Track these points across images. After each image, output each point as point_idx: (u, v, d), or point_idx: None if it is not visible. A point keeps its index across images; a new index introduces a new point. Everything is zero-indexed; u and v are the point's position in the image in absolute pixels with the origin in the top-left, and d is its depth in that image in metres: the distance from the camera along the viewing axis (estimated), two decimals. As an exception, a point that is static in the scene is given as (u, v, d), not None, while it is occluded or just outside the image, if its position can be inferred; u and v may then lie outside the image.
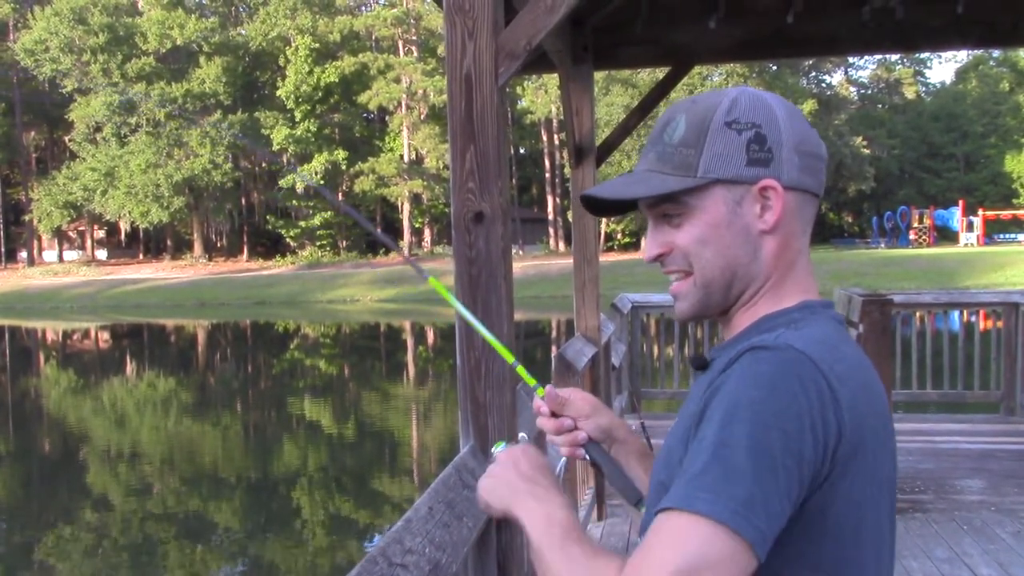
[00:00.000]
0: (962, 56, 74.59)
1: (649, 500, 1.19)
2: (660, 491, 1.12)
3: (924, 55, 70.38)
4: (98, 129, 61.48)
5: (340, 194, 64.04)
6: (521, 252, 57.92)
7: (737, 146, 1.13)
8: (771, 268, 1.16)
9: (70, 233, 68.02)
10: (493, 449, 1.39)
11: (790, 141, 1.14)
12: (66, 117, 62.68)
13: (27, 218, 63.85)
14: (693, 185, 1.14)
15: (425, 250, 61.73)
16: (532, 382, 1.44)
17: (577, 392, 1.43)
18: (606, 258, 43.39)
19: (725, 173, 1.13)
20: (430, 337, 30.17)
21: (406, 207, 61.99)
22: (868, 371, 1.10)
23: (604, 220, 61.43)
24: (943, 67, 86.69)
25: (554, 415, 1.41)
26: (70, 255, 67.45)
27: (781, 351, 1.03)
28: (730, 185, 1.14)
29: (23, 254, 66.05)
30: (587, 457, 1.40)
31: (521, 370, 1.47)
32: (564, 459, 1.39)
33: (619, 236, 66.81)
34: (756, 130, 1.13)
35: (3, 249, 65.23)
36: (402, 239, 62.77)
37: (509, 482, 1.28)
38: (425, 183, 59.96)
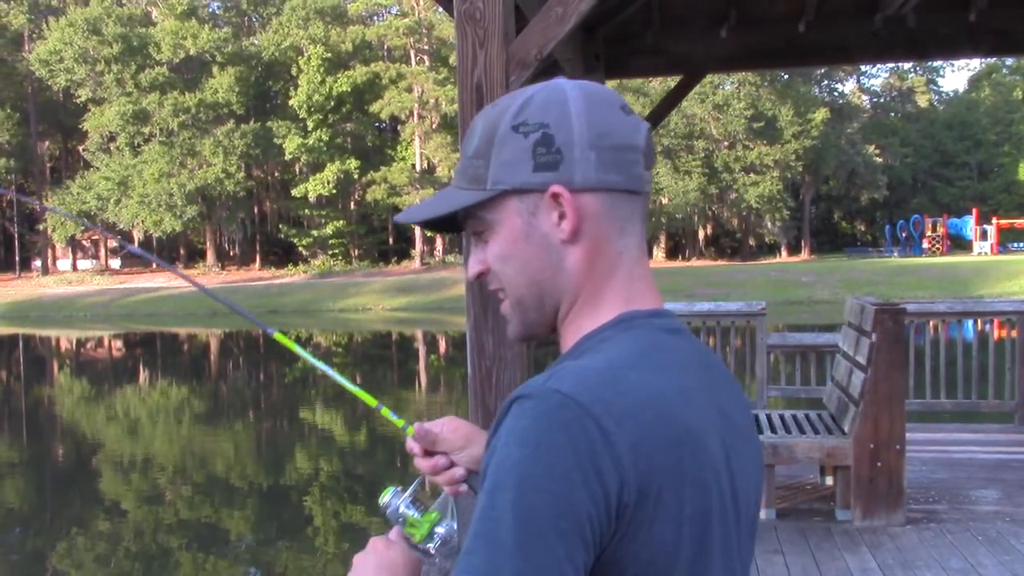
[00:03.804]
0: (975, 64, 74.40)
1: None
2: None
3: (937, 63, 70.10)
4: (112, 139, 61.81)
5: (352, 203, 64.23)
6: (533, 261, 57.81)
7: (523, 151, 1.03)
8: (581, 280, 1.06)
9: (84, 242, 68.35)
10: (381, 500, 1.29)
11: (584, 137, 1.02)
12: (80, 127, 63.07)
13: (41, 227, 64.21)
14: (483, 198, 1.06)
15: (437, 259, 61.81)
16: (400, 423, 1.36)
17: (449, 423, 1.32)
18: (618, 267, 43.18)
19: (512, 182, 1.04)
20: (442, 346, 30.18)
21: (418, 216, 61.98)
22: (670, 398, 0.97)
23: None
24: (956, 75, 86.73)
25: (428, 453, 1.31)
26: (84, 264, 67.76)
27: (544, 399, 0.92)
28: (521, 195, 1.05)
29: (37, 263, 66.40)
30: (473, 492, 1.31)
31: (386, 412, 1.39)
32: (451, 498, 1.31)
33: (631, 245, 66.61)
34: (543, 131, 1.03)
35: (18, 258, 65.60)
36: (414, 248, 62.91)
37: None
38: (437, 192, 60.00)
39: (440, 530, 1.26)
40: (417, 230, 62.05)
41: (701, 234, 66.76)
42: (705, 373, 1.06)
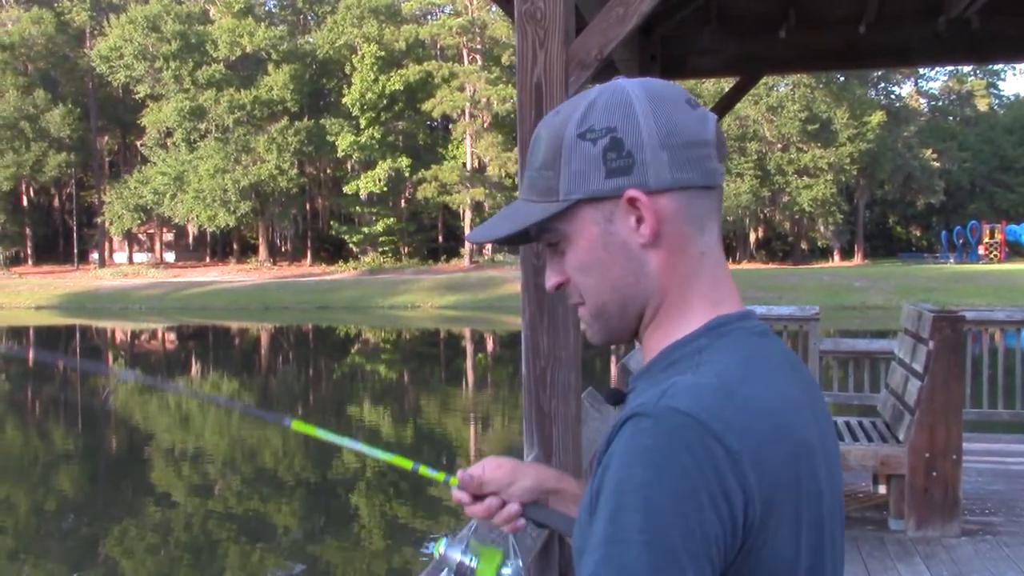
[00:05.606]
0: (1038, 68, 72.78)
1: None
2: (576, 557, 1.01)
3: (998, 66, 68.77)
4: (169, 134, 62.87)
5: (403, 201, 64.63)
6: (582, 261, 57.75)
7: (593, 158, 1.01)
8: (665, 283, 1.04)
9: (140, 236, 69.58)
10: (436, 552, 1.27)
11: (653, 138, 1.00)
12: (138, 122, 64.23)
13: (99, 220, 65.50)
14: (557, 211, 1.04)
15: (486, 257, 61.93)
16: (441, 477, 1.35)
17: (490, 463, 1.32)
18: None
19: (586, 191, 1.02)
20: (490, 344, 30.23)
21: (468, 215, 62.30)
22: (783, 410, 0.97)
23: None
24: (1017, 79, 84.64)
25: (477, 498, 1.30)
26: (139, 257, 68.97)
27: (664, 419, 0.90)
28: (596, 203, 1.02)
29: (95, 255, 67.75)
30: (533, 523, 1.31)
31: (424, 470, 1.38)
32: (511, 536, 1.29)
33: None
34: (611, 135, 1.00)
35: (76, 250, 67.04)
36: (463, 246, 63.10)
37: None
38: (487, 191, 60.20)
39: (507, 571, 1.25)
40: (467, 228, 62.28)
41: (752, 237, 66.10)
42: (798, 378, 1.05)
